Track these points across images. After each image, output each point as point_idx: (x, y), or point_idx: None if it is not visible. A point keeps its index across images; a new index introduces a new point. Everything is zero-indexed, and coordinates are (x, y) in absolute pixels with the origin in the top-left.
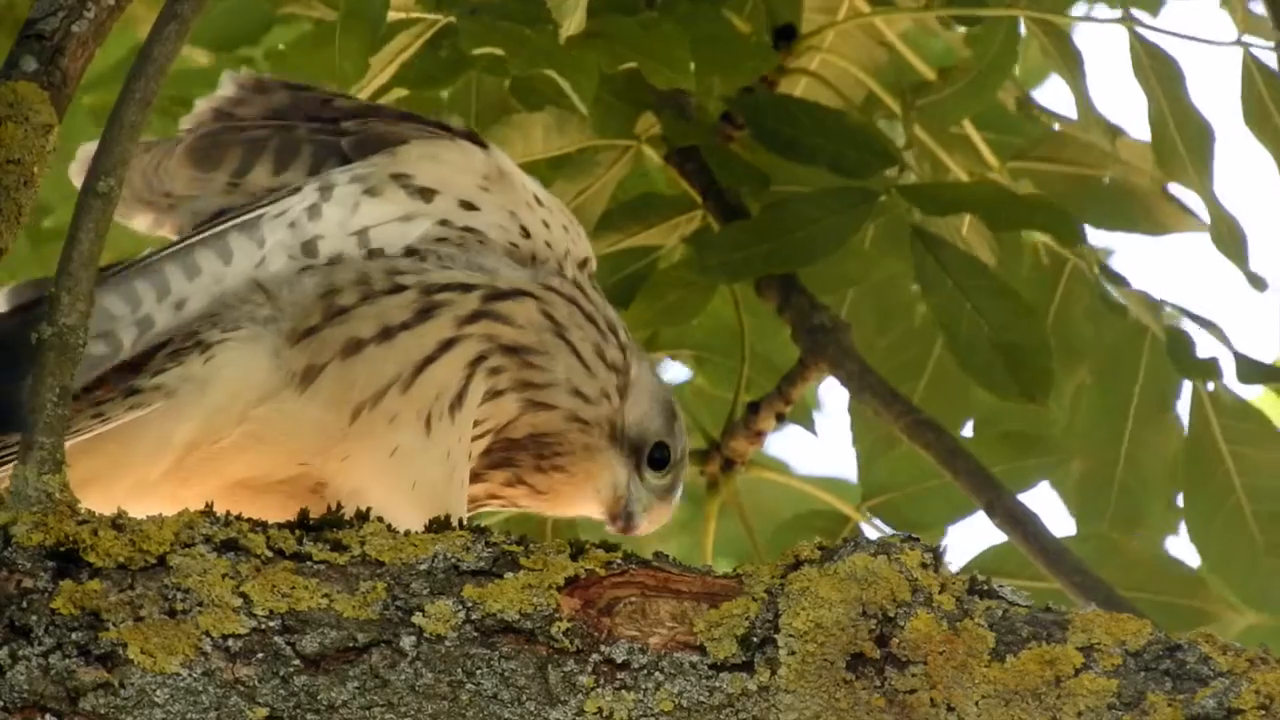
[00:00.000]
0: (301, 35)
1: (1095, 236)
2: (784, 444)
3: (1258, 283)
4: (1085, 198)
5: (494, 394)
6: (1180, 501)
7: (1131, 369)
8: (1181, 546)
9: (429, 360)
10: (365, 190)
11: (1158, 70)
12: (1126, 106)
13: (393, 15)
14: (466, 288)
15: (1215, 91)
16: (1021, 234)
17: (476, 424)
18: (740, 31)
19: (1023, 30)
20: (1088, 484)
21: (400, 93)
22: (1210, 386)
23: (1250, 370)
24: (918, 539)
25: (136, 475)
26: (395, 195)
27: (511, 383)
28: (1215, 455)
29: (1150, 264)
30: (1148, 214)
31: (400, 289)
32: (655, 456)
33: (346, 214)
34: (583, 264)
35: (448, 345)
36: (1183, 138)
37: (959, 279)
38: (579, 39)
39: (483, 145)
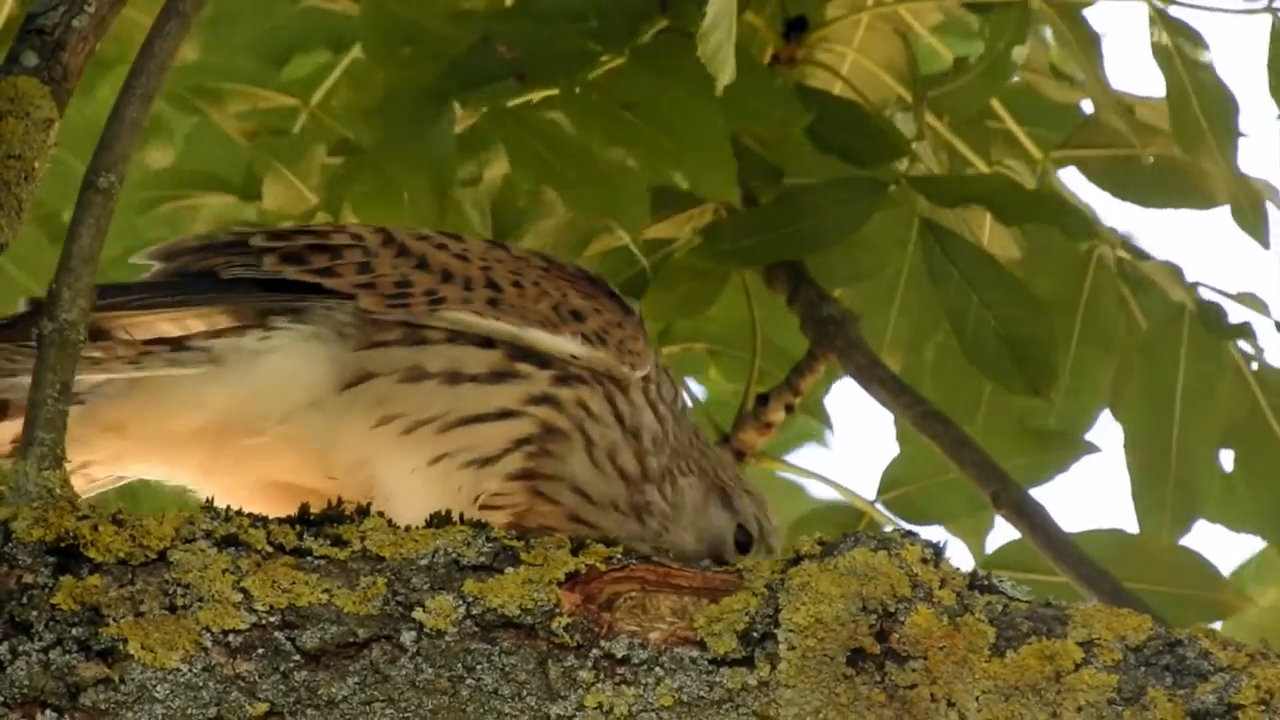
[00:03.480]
0: (371, 190)
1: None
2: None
3: None
4: (1129, 178)
5: (521, 475)
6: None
7: (1172, 356)
8: (1195, 539)
9: (478, 419)
10: None
11: (1179, 43)
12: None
13: None
14: (544, 363)
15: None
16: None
17: (498, 495)
18: (769, 76)
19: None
20: (1141, 477)
21: None
22: (1250, 354)
23: None
24: (918, 534)
25: (160, 425)
26: None
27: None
28: (1267, 434)
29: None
30: (1195, 188)
31: (491, 344)
32: None
33: None
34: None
35: (505, 415)
36: (1204, 110)
37: (966, 271)
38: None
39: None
